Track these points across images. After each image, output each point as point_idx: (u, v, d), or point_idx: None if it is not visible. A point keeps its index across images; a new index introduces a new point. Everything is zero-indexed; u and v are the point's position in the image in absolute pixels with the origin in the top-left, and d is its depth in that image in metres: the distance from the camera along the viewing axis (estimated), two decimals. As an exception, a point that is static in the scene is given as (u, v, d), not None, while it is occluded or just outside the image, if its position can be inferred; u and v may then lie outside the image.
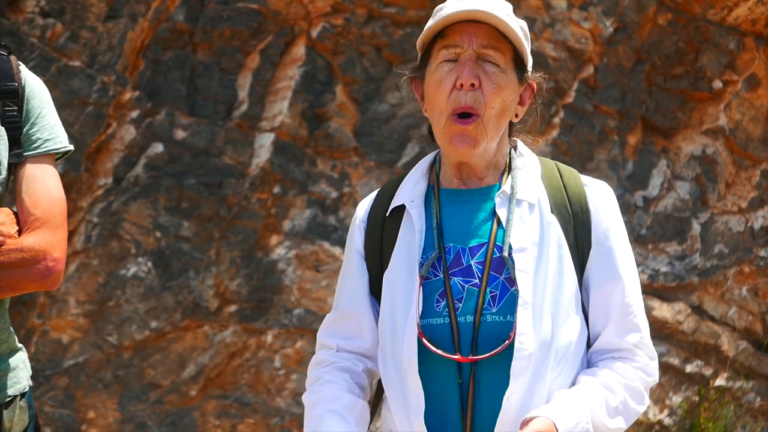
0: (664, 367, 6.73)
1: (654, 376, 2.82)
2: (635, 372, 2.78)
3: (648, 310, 6.67)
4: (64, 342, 6.18)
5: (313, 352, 3.03)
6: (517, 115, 2.85)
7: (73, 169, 6.15)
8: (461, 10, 2.72)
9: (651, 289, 6.70)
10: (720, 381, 6.80)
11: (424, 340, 2.71)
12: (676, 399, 6.76)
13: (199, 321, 6.28)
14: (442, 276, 2.76)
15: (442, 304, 2.74)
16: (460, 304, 2.73)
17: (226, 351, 6.31)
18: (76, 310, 6.18)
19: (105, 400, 6.21)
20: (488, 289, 2.73)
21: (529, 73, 2.84)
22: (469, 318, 2.72)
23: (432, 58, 2.81)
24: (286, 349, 6.34)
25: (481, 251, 2.76)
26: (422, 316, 2.74)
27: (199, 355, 6.29)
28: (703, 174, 6.84)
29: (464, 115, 2.75)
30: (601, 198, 2.88)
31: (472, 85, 2.72)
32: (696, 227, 6.83)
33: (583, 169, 6.63)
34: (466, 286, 2.74)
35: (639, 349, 2.80)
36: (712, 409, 6.75)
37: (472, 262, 2.76)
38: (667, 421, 6.70)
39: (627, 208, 6.70)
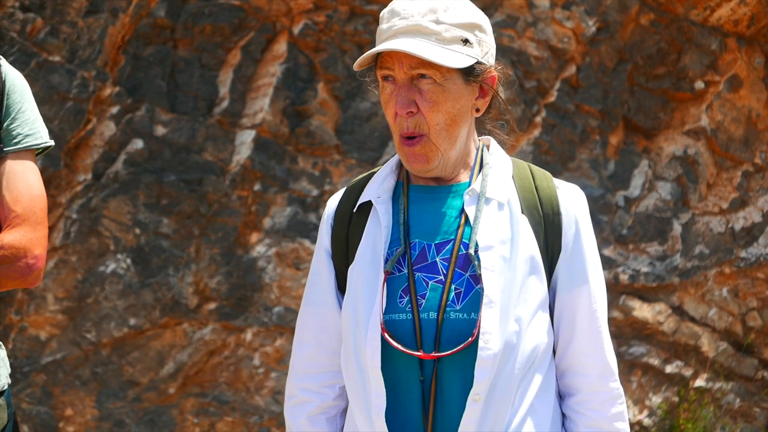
0: (644, 368, 6.74)
1: (623, 404, 2.85)
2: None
3: (628, 311, 6.68)
4: (42, 339, 6.14)
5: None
6: (478, 110, 2.81)
7: (53, 165, 6.11)
8: (380, 49, 2.71)
9: (631, 290, 6.71)
10: (700, 382, 6.81)
11: (386, 335, 2.69)
12: (656, 399, 6.76)
13: (178, 318, 6.25)
14: (406, 271, 2.73)
15: (405, 299, 2.71)
16: (424, 301, 2.70)
17: (205, 349, 6.28)
18: (54, 307, 6.14)
19: (83, 397, 6.18)
20: (453, 286, 2.70)
21: (482, 70, 2.77)
22: (432, 315, 2.69)
23: (377, 69, 2.80)
24: (265, 348, 6.31)
25: (446, 248, 2.74)
26: (385, 312, 2.71)
27: (177, 352, 6.26)
28: (684, 174, 6.85)
29: (410, 137, 2.74)
30: (572, 201, 2.84)
31: (411, 112, 2.71)
32: (677, 228, 6.83)
33: (564, 169, 6.63)
34: (431, 282, 2.71)
35: (609, 390, 2.83)
36: (692, 410, 6.76)
37: (437, 259, 2.73)
38: (647, 421, 6.71)
39: (608, 208, 6.70)
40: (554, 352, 2.83)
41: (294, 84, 6.44)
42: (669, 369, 6.78)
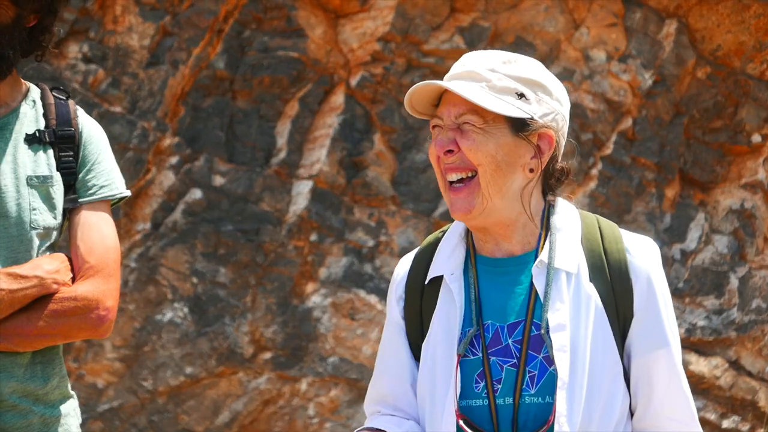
0: (701, 423, 6.67)
1: None
2: None
3: (685, 365, 6.60)
4: (100, 386, 6.17)
5: (348, 401, 2.98)
6: (532, 170, 2.72)
7: (112, 214, 6.16)
8: (419, 85, 2.71)
9: (688, 344, 6.65)
10: (757, 437, 6.75)
11: (461, 422, 2.66)
12: (712, 454, 6.70)
13: (233, 367, 6.27)
14: (480, 355, 2.69)
15: (481, 385, 2.68)
16: (499, 386, 2.67)
17: (260, 398, 6.29)
18: (111, 355, 6.18)
19: (138, 445, 6.20)
20: (526, 370, 2.66)
21: (535, 127, 2.70)
22: (509, 400, 2.66)
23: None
24: (320, 398, 6.31)
25: (518, 329, 2.69)
26: (461, 397, 2.68)
27: (233, 401, 6.27)
28: (741, 228, 6.81)
29: (458, 182, 2.70)
30: (643, 262, 2.73)
31: (451, 150, 2.68)
32: (734, 281, 6.78)
33: (620, 222, 6.60)
34: (505, 366, 2.68)
35: None
36: (750, 466, 6.69)
37: (509, 342, 2.69)
38: (703, 476, 6.64)
39: (664, 261, 6.63)
40: (631, 413, 2.76)
41: (351, 135, 6.48)
42: (726, 424, 6.71)
